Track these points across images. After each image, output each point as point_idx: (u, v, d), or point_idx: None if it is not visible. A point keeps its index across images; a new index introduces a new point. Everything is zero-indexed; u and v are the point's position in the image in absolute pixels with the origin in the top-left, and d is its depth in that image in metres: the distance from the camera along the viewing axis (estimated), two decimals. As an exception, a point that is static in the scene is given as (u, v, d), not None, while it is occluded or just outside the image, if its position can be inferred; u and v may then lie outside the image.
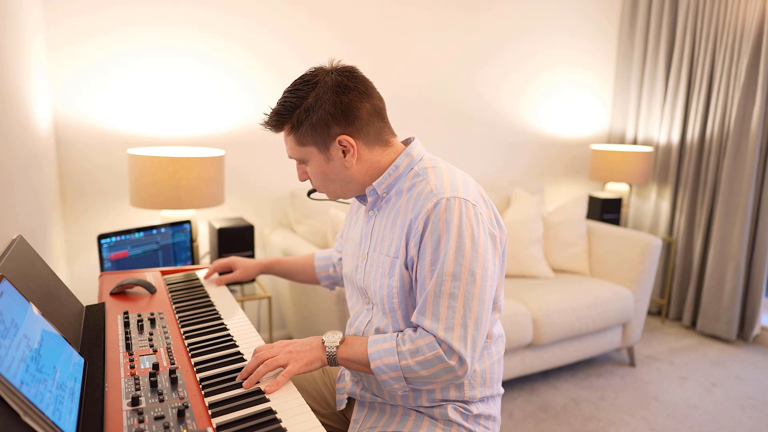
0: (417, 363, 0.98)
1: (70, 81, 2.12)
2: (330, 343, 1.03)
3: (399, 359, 0.99)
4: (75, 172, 2.19)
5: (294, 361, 0.99)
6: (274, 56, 2.50)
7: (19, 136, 1.39)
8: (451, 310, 0.96)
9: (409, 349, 0.99)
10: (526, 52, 3.23)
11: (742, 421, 2.28)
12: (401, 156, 1.10)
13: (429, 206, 1.00)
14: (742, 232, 2.95)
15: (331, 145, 1.05)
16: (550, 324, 2.33)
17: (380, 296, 1.09)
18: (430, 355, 0.97)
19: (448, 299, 0.97)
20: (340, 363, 1.05)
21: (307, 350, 1.02)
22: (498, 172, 3.28)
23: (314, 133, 1.04)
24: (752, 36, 2.86)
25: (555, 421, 2.24)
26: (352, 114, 1.04)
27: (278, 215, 2.66)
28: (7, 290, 0.80)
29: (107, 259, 1.82)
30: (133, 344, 1.04)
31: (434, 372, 0.98)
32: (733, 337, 3.03)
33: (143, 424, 0.78)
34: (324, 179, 1.10)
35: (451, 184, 1.03)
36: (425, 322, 0.98)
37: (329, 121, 1.03)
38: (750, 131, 2.90)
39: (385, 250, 1.09)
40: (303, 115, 1.03)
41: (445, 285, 0.97)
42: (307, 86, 1.04)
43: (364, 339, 1.05)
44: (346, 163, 1.06)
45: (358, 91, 1.05)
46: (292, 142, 1.08)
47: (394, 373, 0.99)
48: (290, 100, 1.05)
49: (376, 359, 1.00)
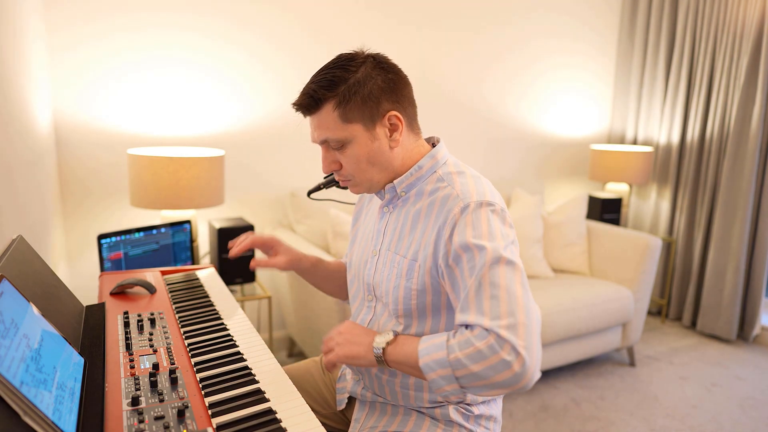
0: (466, 356, 0.86)
1: (70, 81, 2.12)
2: (377, 344, 0.96)
3: (448, 353, 0.88)
4: (75, 172, 2.19)
5: (338, 348, 0.99)
6: (274, 56, 2.50)
7: (20, 136, 1.40)
8: (495, 300, 0.89)
9: (458, 342, 0.88)
10: (526, 53, 3.23)
11: (742, 421, 2.28)
12: (426, 157, 1.08)
13: (456, 211, 0.98)
14: (742, 232, 2.95)
15: (378, 122, 1.01)
16: (550, 324, 2.33)
17: (394, 297, 1.06)
18: (480, 345, 0.86)
19: (489, 288, 0.90)
20: (392, 365, 0.96)
21: (356, 343, 0.98)
22: (498, 172, 3.28)
23: (364, 107, 1.00)
24: (752, 36, 2.86)
25: (555, 421, 2.24)
26: (400, 92, 1.03)
27: (278, 215, 2.66)
28: (7, 290, 0.80)
29: (107, 259, 1.82)
30: (133, 344, 1.04)
31: (487, 366, 0.85)
32: (733, 337, 3.03)
33: (143, 424, 0.78)
34: (366, 162, 1.04)
35: (477, 190, 1.00)
36: (470, 317, 0.90)
37: (381, 96, 1.00)
38: (750, 131, 2.90)
39: (402, 251, 1.06)
40: (353, 88, 0.99)
41: (485, 277, 0.91)
42: (352, 62, 1.01)
43: (417, 338, 0.96)
44: (392, 142, 1.04)
45: (401, 73, 1.05)
46: (335, 119, 1.00)
47: (443, 370, 0.88)
48: (336, 74, 1.00)
49: (425, 355, 0.91)
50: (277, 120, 2.55)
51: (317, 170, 2.66)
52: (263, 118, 2.53)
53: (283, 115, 2.56)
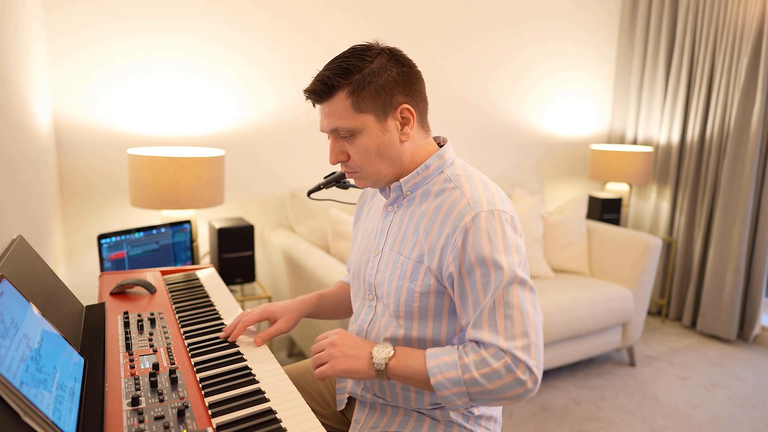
0: (482, 375, 0.90)
1: (70, 81, 2.12)
2: (379, 360, 0.97)
3: (462, 372, 0.92)
4: (75, 172, 2.19)
5: (334, 362, 0.99)
6: (274, 57, 2.50)
7: (20, 136, 1.39)
8: (509, 320, 0.92)
9: (473, 361, 0.92)
10: (528, 55, 3.22)
11: (742, 421, 2.28)
12: (433, 156, 1.07)
13: (467, 220, 0.97)
14: (742, 232, 2.95)
15: (390, 115, 1.01)
16: (550, 324, 2.33)
17: (396, 298, 1.06)
18: (497, 366, 0.90)
19: (504, 308, 0.93)
20: (391, 378, 0.99)
21: (353, 357, 0.99)
22: (498, 172, 3.28)
23: (377, 98, 0.99)
24: (752, 36, 2.86)
25: (555, 421, 2.24)
26: (414, 86, 1.03)
27: (278, 215, 2.66)
28: (7, 290, 0.79)
29: (107, 259, 1.82)
30: (133, 344, 1.04)
31: (502, 385, 0.90)
32: (733, 337, 3.03)
33: (143, 424, 0.78)
34: (375, 154, 1.03)
35: (487, 197, 1.00)
36: (484, 336, 0.93)
37: (394, 88, 1.00)
38: (750, 131, 2.90)
39: (406, 252, 1.05)
40: (368, 77, 0.98)
41: (499, 296, 0.93)
42: (368, 52, 1.00)
43: (420, 352, 0.98)
44: (402, 135, 1.03)
45: (414, 68, 1.05)
46: (347, 108, 1.00)
47: (456, 388, 0.92)
48: (353, 62, 0.99)
49: (437, 374, 0.93)
50: (277, 120, 2.55)
51: (317, 170, 2.66)
52: (263, 118, 2.53)
53: (283, 114, 2.56)
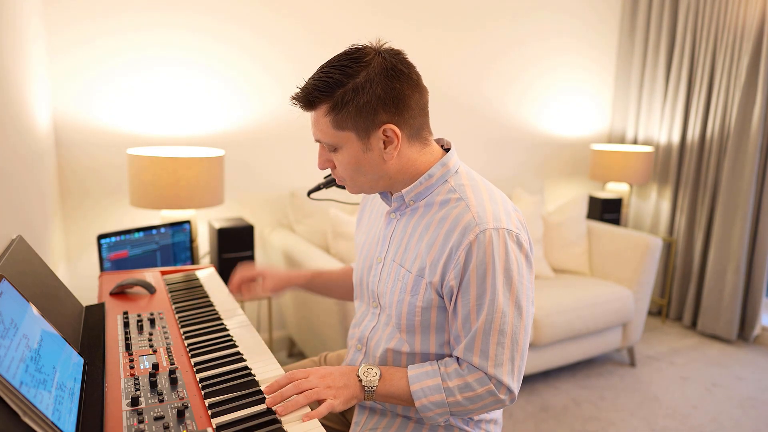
0: (466, 398, 0.97)
1: (70, 81, 2.12)
2: (369, 383, 0.98)
3: (446, 396, 0.97)
4: (75, 172, 2.19)
5: (334, 397, 0.93)
6: (274, 56, 2.50)
7: (19, 136, 1.39)
8: (501, 347, 0.95)
9: (457, 385, 0.97)
10: (526, 53, 3.22)
11: (742, 421, 2.28)
12: (436, 165, 1.02)
13: (471, 237, 0.94)
14: (742, 232, 2.95)
15: (372, 134, 0.95)
16: (550, 324, 2.33)
17: (398, 311, 1.05)
18: (480, 391, 0.96)
19: (497, 335, 0.95)
20: (378, 399, 1.00)
21: (345, 386, 0.96)
22: (498, 172, 3.28)
23: (358, 117, 0.93)
24: (752, 36, 2.86)
25: (555, 421, 2.24)
26: (402, 102, 0.94)
27: (278, 215, 2.66)
28: (7, 290, 0.79)
29: (107, 259, 1.82)
30: (133, 344, 1.04)
31: (482, 405, 0.98)
32: (733, 337, 3.03)
33: (143, 424, 0.78)
34: (355, 171, 0.99)
35: (493, 212, 0.96)
36: (474, 359, 0.96)
37: (377, 107, 0.93)
38: (750, 131, 2.90)
39: (407, 265, 1.03)
40: (349, 95, 0.92)
41: (495, 322, 0.94)
42: (356, 63, 0.92)
43: (402, 372, 1.00)
44: (386, 155, 0.97)
45: (411, 78, 0.96)
46: (327, 124, 0.95)
47: (440, 409, 0.98)
48: (335, 76, 0.92)
49: (422, 397, 0.97)
50: (277, 120, 2.55)
51: (317, 170, 2.65)
52: (263, 118, 2.53)
53: (283, 114, 2.56)
